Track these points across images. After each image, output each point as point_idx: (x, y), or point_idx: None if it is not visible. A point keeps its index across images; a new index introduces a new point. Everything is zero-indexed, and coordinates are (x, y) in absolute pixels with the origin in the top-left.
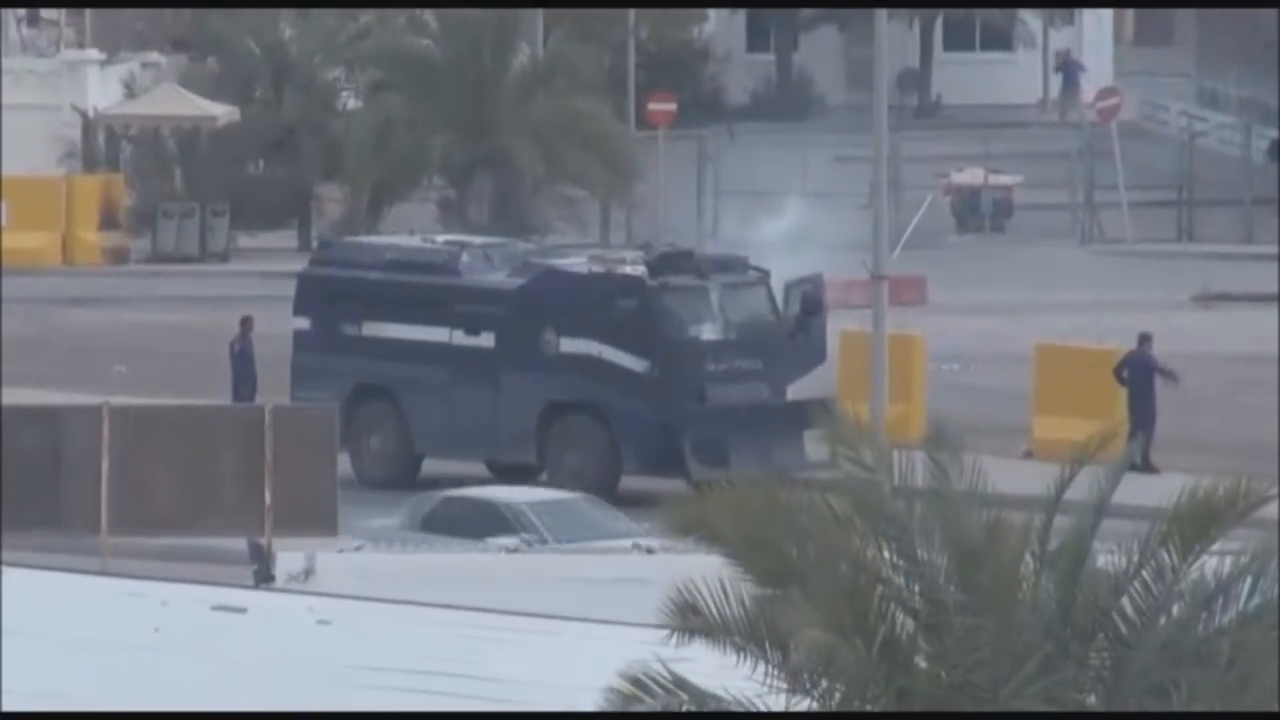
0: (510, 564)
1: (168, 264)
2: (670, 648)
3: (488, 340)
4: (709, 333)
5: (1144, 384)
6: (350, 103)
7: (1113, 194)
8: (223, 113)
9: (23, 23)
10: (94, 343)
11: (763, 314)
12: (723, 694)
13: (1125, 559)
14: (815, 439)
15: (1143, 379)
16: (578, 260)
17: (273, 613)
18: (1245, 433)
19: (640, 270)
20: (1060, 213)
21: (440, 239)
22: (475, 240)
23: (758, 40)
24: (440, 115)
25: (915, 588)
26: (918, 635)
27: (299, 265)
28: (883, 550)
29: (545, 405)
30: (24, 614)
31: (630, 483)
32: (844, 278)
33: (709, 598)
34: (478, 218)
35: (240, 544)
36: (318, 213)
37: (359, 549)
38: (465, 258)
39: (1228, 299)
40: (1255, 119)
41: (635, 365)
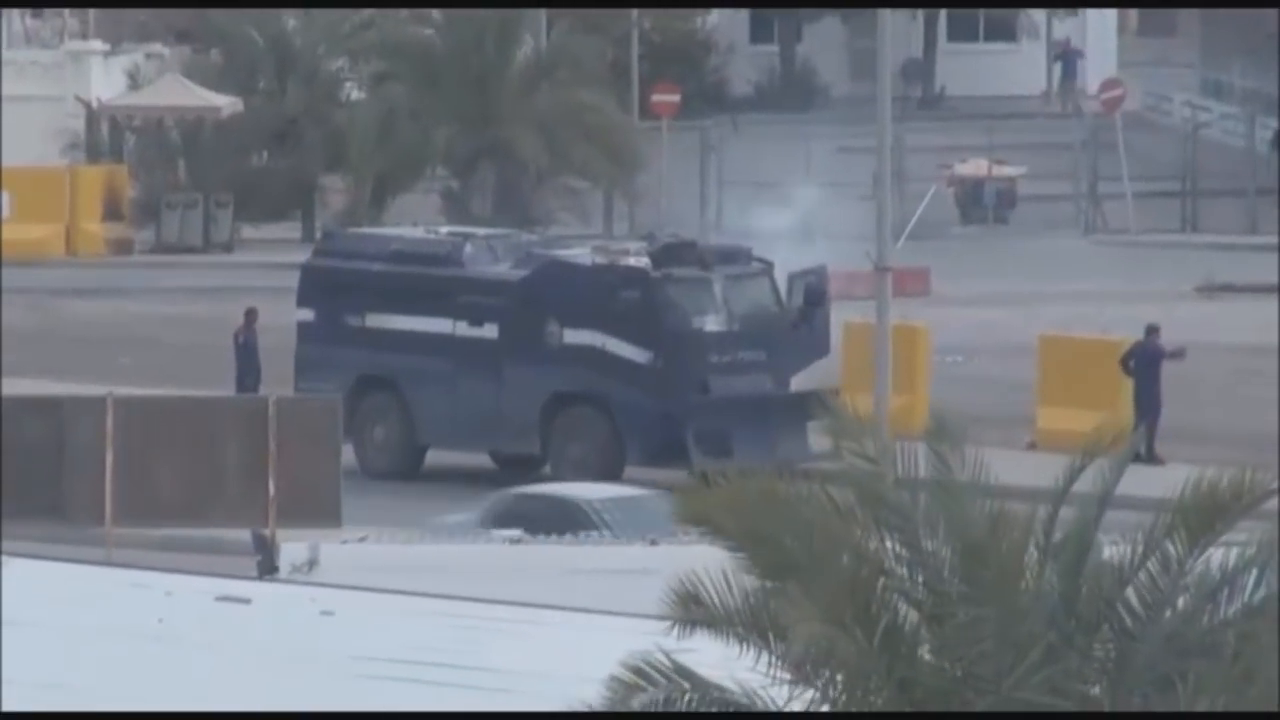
0: (513, 555)
1: (171, 255)
2: (672, 638)
3: (491, 331)
4: (712, 324)
5: (1150, 374)
6: (354, 94)
7: (1116, 185)
8: (226, 104)
9: (26, 14)
10: (98, 334)
11: (766, 305)
12: (725, 684)
13: (1130, 550)
14: (818, 430)
15: (1149, 369)
16: (581, 251)
17: (276, 603)
18: (1248, 424)
19: (644, 261)
20: (1064, 204)
21: (444, 230)
22: (479, 232)
23: (761, 31)
24: (443, 106)
25: (919, 579)
26: (920, 627)
27: (302, 256)
28: (885, 542)
29: (549, 396)
30: (27, 604)
31: (634, 474)
32: (848, 269)
33: (711, 588)
34: (481, 209)
35: (244, 535)
36: (321, 204)
37: (362, 540)
38: (469, 249)
39: (1231, 290)
40: (1259, 110)
41: (638, 356)
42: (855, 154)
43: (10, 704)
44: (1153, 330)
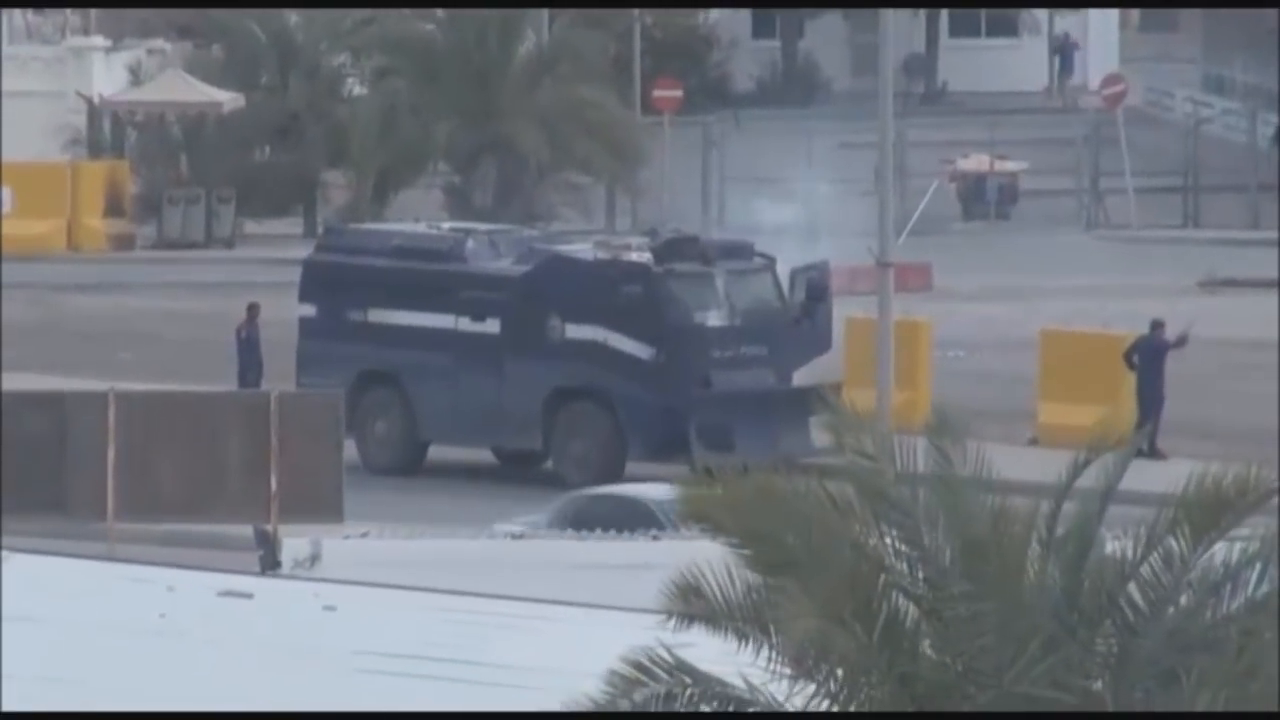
0: (516, 550)
1: (173, 250)
2: (672, 632)
3: (493, 327)
4: (714, 319)
5: (1154, 369)
6: (355, 89)
7: (1118, 180)
8: (228, 99)
9: (28, 9)
10: (99, 329)
11: (768, 300)
12: (726, 679)
13: (1133, 546)
14: (819, 425)
15: (1153, 364)
16: (583, 247)
17: (279, 598)
18: (1250, 418)
19: (646, 257)
20: (1066, 199)
21: (446, 226)
22: (481, 227)
23: (763, 26)
24: (445, 102)
25: (919, 575)
26: (921, 621)
27: (304, 252)
28: (884, 538)
29: (551, 391)
30: (29, 599)
31: (637, 468)
32: (850, 264)
33: (713, 582)
34: (482, 204)
35: (246, 530)
36: (323, 199)
37: (364, 535)
38: (471, 244)
39: (1233, 285)
40: (1260, 105)
41: (641, 351)
42: (857, 149)
43: (12, 699)
44: (1157, 325)
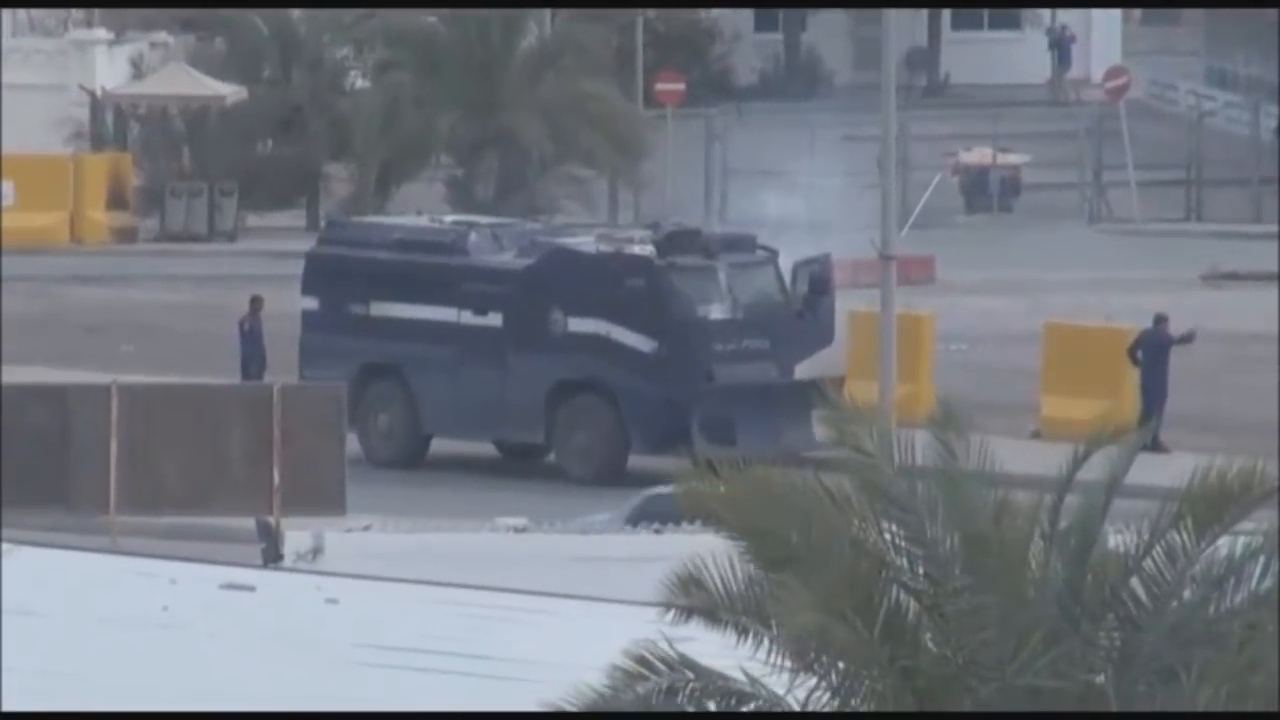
0: (518, 543)
1: (176, 243)
2: (673, 624)
3: (495, 320)
4: (717, 312)
5: (1158, 363)
6: (358, 82)
7: (1121, 173)
8: (230, 92)
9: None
10: (102, 321)
11: (771, 294)
12: (728, 673)
13: (1136, 540)
14: (819, 420)
15: (1157, 358)
16: (586, 240)
17: (281, 591)
18: (1253, 412)
19: (648, 250)
20: (1068, 192)
21: (448, 219)
22: (483, 220)
23: (766, 20)
24: (448, 94)
25: (919, 570)
26: (922, 615)
27: (307, 245)
28: (884, 532)
29: (553, 385)
30: (32, 593)
31: (640, 461)
32: (852, 257)
33: (714, 574)
34: (485, 197)
35: (248, 523)
36: (326, 192)
37: (367, 529)
38: (473, 237)
39: (1236, 278)
40: (1263, 98)
41: (643, 345)
42: (859, 142)
43: (15, 692)
44: (1161, 319)
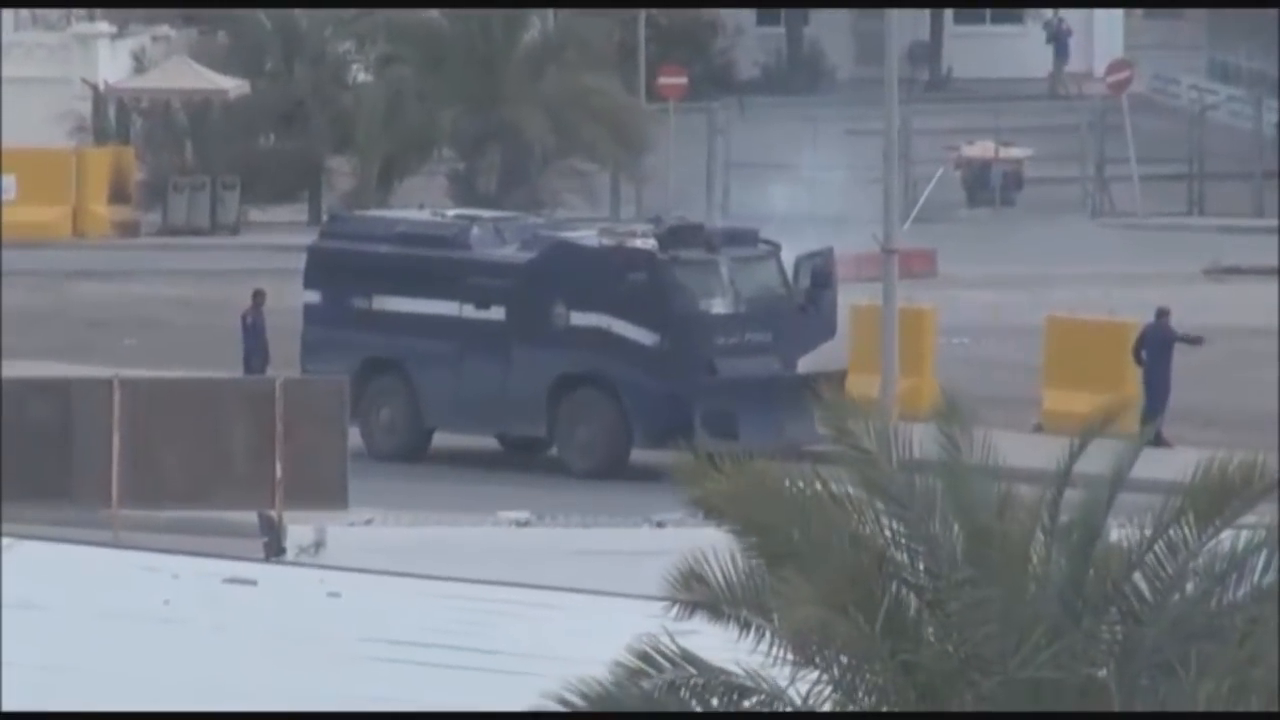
0: (520, 537)
1: (178, 237)
2: (676, 619)
3: (498, 314)
4: (719, 306)
5: (1162, 357)
6: (360, 76)
7: (1123, 167)
8: (233, 86)
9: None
10: (104, 315)
11: (773, 287)
12: (730, 668)
13: (1139, 534)
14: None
15: (1160, 352)
16: (588, 234)
17: (283, 585)
18: (1255, 406)
19: (650, 244)
20: (1071, 186)
21: (450, 213)
22: (485, 214)
23: (768, 14)
24: (450, 89)
25: (919, 564)
26: (923, 610)
27: (309, 238)
28: (884, 527)
29: (555, 378)
30: (34, 587)
31: (642, 455)
32: (854, 251)
33: (716, 569)
34: (487, 191)
35: (251, 517)
36: (328, 186)
37: (369, 522)
38: (475, 231)
39: (1238, 272)
40: (1265, 92)
41: (645, 338)
42: (862, 136)
43: (16, 687)
44: (1163, 313)
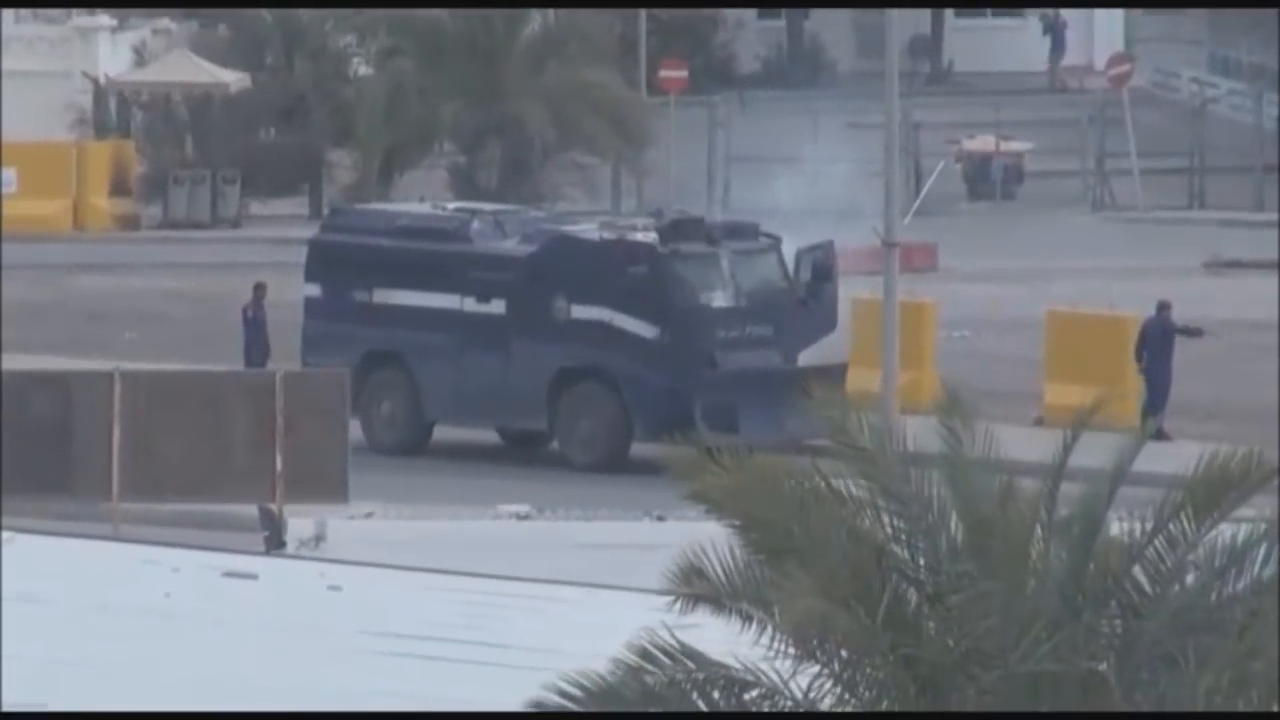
0: (521, 531)
1: (178, 230)
2: (676, 613)
3: (499, 307)
4: (720, 299)
5: (1163, 351)
6: (361, 69)
7: (1124, 161)
8: (234, 79)
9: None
10: (105, 309)
11: (774, 281)
12: (730, 663)
13: (1140, 527)
14: (816, 410)
15: (1162, 346)
16: (589, 227)
17: (284, 579)
18: (1255, 399)
19: (651, 237)
20: (1071, 180)
21: (451, 206)
22: (486, 207)
23: (769, 7)
24: (451, 82)
25: (920, 560)
26: (923, 603)
27: (310, 232)
28: (883, 520)
29: (556, 372)
30: (34, 580)
31: (643, 448)
32: (855, 244)
33: (716, 563)
34: (488, 185)
35: (251, 510)
36: (329, 179)
37: (369, 516)
38: (476, 225)
39: (1239, 266)
40: (1266, 86)
41: (646, 332)
42: (863, 130)
43: (16, 680)
44: (1164, 307)
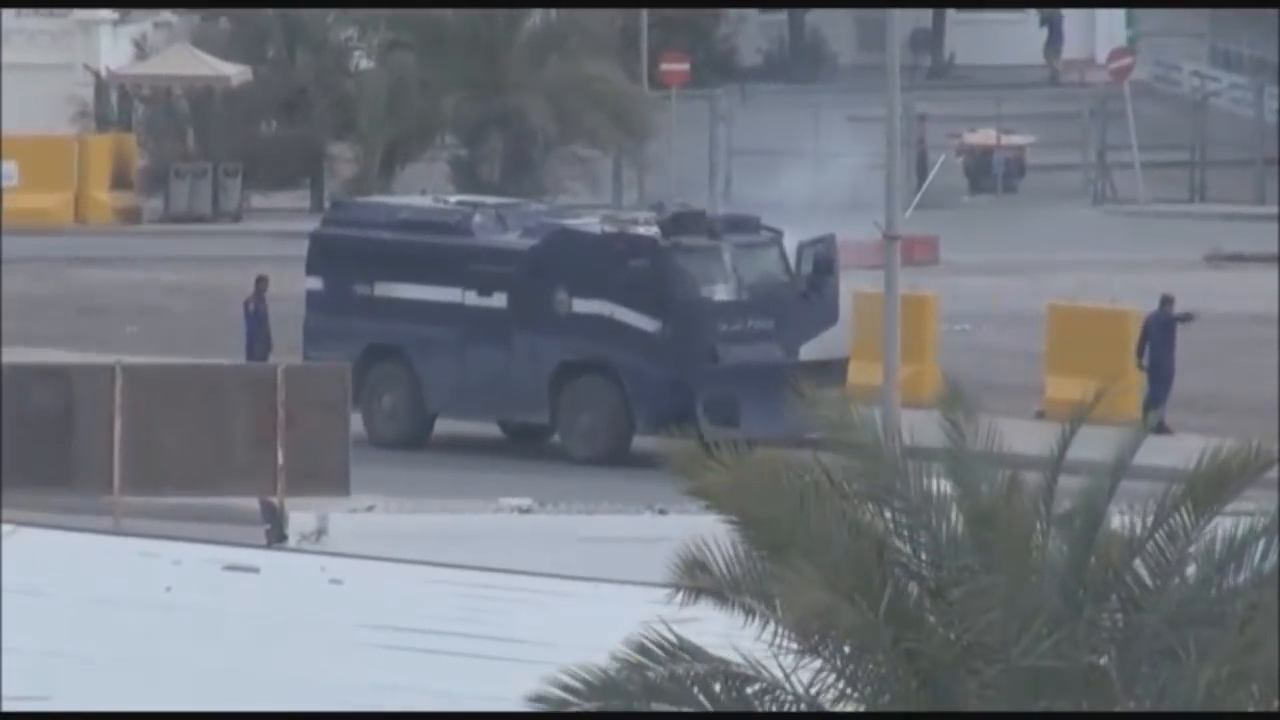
0: (522, 524)
1: (180, 224)
2: (678, 607)
3: (500, 300)
4: (721, 293)
5: (1165, 344)
6: (363, 63)
7: (1125, 154)
8: (235, 72)
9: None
10: (106, 302)
11: (775, 274)
12: (732, 657)
13: (1141, 521)
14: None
15: (1164, 339)
16: (590, 220)
17: (285, 572)
18: (1256, 392)
19: (653, 230)
20: (1073, 173)
21: (453, 199)
22: (488, 200)
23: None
24: (452, 75)
25: (921, 554)
26: (924, 597)
27: (311, 225)
28: (884, 514)
29: (557, 365)
30: (35, 573)
31: (645, 441)
32: (856, 238)
33: (718, 556)
34: (489, 178)
35: (252, 503)
36: (330, 173)
37: (371, 509)
38: (478, 218)
39: (1240, 259)
40: (1267, 80)
41: (648, 325)
42: (864, 123)
43: (17, 673)
44: (1167, 300)
